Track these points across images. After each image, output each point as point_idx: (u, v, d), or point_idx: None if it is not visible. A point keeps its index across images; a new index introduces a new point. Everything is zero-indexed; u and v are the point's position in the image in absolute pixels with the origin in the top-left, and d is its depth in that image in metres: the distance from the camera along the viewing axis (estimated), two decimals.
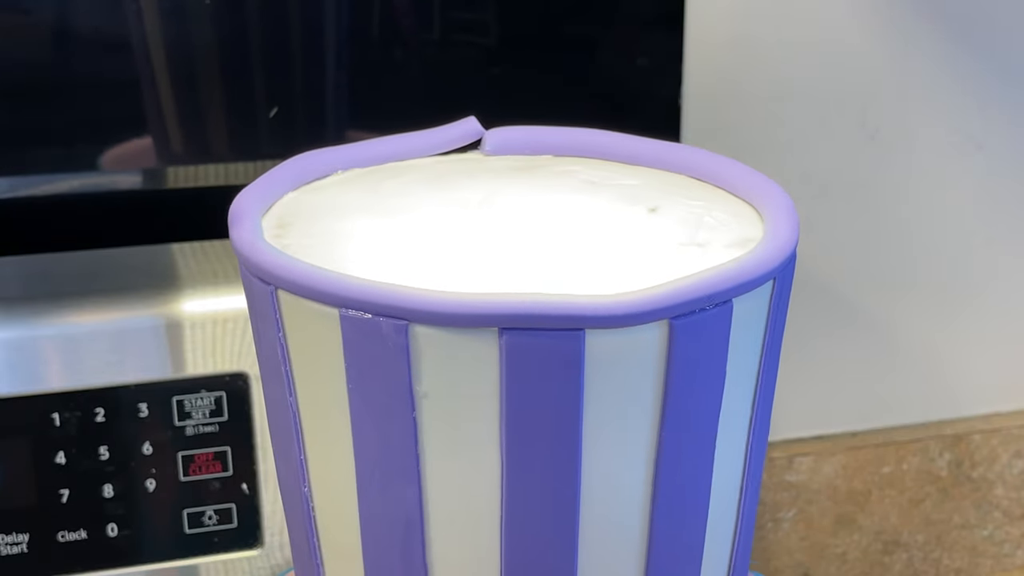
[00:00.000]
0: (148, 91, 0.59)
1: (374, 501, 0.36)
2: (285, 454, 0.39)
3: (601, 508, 0.35)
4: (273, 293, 0.36)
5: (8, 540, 0.55)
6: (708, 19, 0.70)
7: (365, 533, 0.37)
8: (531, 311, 0.33)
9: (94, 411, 0.56)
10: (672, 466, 0.36)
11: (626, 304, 0.33)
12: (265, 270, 0.36)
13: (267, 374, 0.38)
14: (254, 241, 0.37)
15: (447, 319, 0.33)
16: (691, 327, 0.34)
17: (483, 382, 0.34)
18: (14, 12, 0.57)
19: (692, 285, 0.34)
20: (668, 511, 0.36)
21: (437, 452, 0.35)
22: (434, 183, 0.42)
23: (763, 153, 0.74)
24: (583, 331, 0.33)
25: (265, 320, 0.37)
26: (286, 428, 0.38)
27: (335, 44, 0.61)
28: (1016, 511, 0.85)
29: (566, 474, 0.35)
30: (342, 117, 0.62)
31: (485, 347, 0.33)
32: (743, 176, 0.42)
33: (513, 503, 0.35)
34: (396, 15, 0.61)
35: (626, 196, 0.41)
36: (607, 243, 0.38)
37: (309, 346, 0.36)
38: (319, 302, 0.35)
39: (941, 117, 0.77)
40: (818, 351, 0.79)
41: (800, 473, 0.80)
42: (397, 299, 0.33)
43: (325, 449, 0.37)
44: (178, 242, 0.62)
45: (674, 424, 0.35)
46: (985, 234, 0.80)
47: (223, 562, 0.58)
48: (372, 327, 0.34)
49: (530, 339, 0.33)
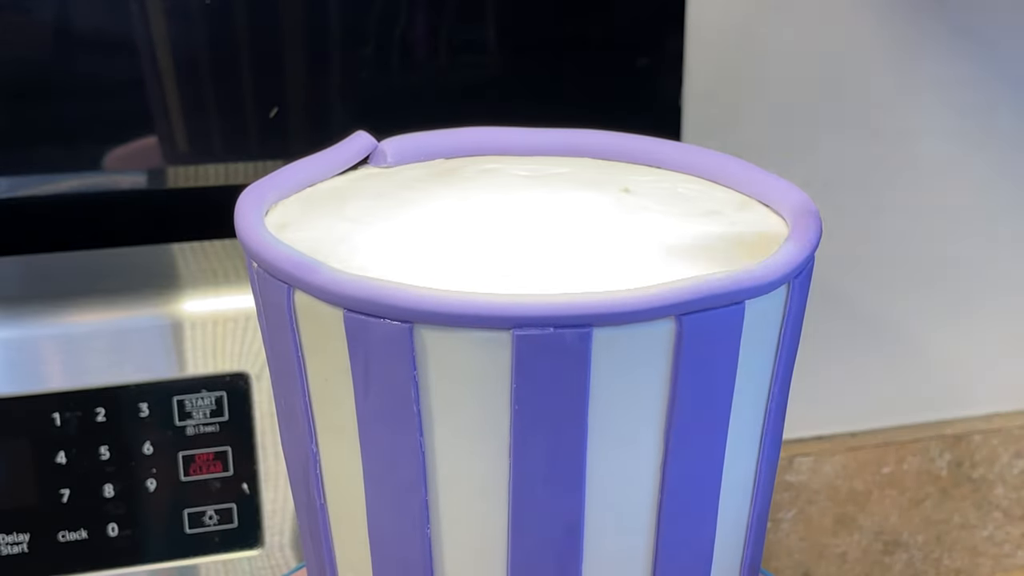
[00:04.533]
0: (148, 91, 0.59)
1: (382, 505, 0.36)
2: (297, 456, 0.39)
3: (608, 505, 0.35)
4: (289, 292, 0.36)
5: (8, 540, 0.55)
6: (709, 19, 0.70)
7: (373, 530, 0.37)
8: (540, 311, 0.33)
9: (95, 411, 0.56)
10: (680, 464, 0.35)
11: (634, 300, 0.33)
12: (277, 267, 0.36)
13: (279, 377, 0.38)
14: (271, 239, 0.37)
15: (455, 320, 0.33)
16: (700, 325, 0.34)
17: (492, 382, 0.34)
18: (14, 12, 0.57)
19: (702, 284, 0.33)
20: (676, 510, 0.36)
21: (445, 454, 0.35)
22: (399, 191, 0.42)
23: (763, 153, 0.74)
24: (591, 328, 0.33)
25: (277, 320, 0.37)
26: (299, 431, 0.38)
27: (336, 44, 0.61)
28: (1016, 511, 0.85)
29: (572, 473, 0.35)
30: (343, 117, 0.62)
31: (494, 348, 0.33)
32: (753, 175, 0.42)
33: (520, 501, 0.35)
34: (396, 15, 0.61)
35: (581, 182, 0.41)
36: (599, 231, 0.38)
37: (320, 347, 0.36)
38: (328, 303, 0.34)
39: (941, 117, 0.77)
40: (818, 351, 0.79)
41: (800, 473, 0.80)
42: (403, 299, 0.33)
43: (337, 451, 0.37)
44: (179, 242, 0.62)
45: (682, 423, 0.35)
46: (985, 234, 0.80)
47: (223, 562, 0.58)
48: (378, 328, 0.34)
49: (538, 338, 0.33)
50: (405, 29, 0.62)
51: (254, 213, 0.38)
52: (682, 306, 0.33)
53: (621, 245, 0.37)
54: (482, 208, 0.40)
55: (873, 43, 0.74)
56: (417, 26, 0.62)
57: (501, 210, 0.40)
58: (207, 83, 0.60)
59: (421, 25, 0.62)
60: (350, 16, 0.61)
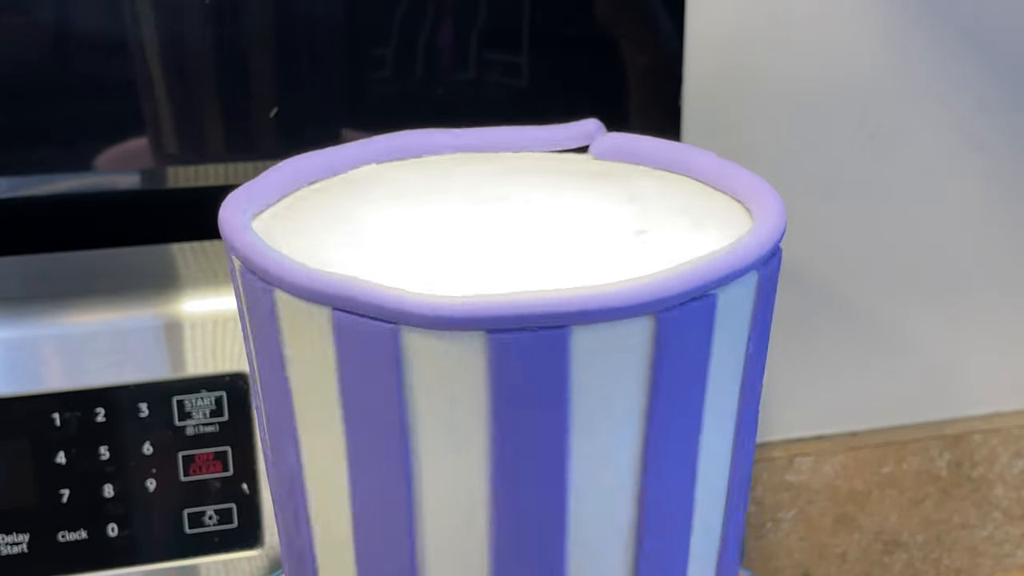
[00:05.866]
0: (149, 91, 0.59)
1: (367, 501, 0.37)
2: (279, 451, 0.39)
3: (589, 501, 0.35)
4: (270, 293, 0.36)
5: (8, 540, 0.55)
6: (708, 19, 0.70)
7: (358, 530, 0.37)
8: (516, 312, 0.32)
9: (94, 411, 0.56)
10: (659, 458, 0.35)
11: (611, 297, 0.33)
12: (263, 269, 0.36)
13: (263, 374, 0.38)
14: (254, 241, 0.37)
15: (434, 322, 0.33)
16: (678, 319, 0.34)
17: (471, 383, 0.34)
18: (14, 12, 0.57)
19: (677, 276, 0.33)
20: (656, 502, 0.36)
21: (428, 452, 0.35)
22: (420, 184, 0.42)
23: (763, 153, 0.74)
24: (568, 328, 0.33)
25: (262, 321, 0.37)
26: (282, 429, 0.38)
27: (335, 43, 0.61)
28: (1016, 511, 0.85)
29: (554, 471, 0.35)
30: (343, 117, 0.62)
31: (472, 349, 0.33)
32: (726, 170, 0.43)
33: (502, 501, 0.35)
34: (396, 15, 0.61)
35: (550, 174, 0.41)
36: (588, 238, 0.38)
37: (303, 347, 0.36)
38: (313, 302, 0.34)
39: (941, 117, 0.77)
40: (818, 351, 0.79)
41: (800, 473, 0.80)
42: (387, 301, 0.33)
43: (319, 445, 0.37)
44: (178, 242, 0.62)
45: (661, 416, 0.35)
46: (985, 234, 0.80)
47: (223, 562, 0.58)
48: (363, 329, 0.34)
49: (516, 339, 0.33)
50: (405, 29, 0.62)
51: (238, 215, 0.38)
52: (661, 301, 0.33)
53: (595, 239, 0.38)
54: (463, 207, 0.40)
55: (873, 43, 0.74)
56: (417, 26, 0.62)
57: (486, 210, 0.40)
58: (207, 83, 0.60)
59: (421, 25, 0.62)
60: (350, 16, 0.61)
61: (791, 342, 0.78)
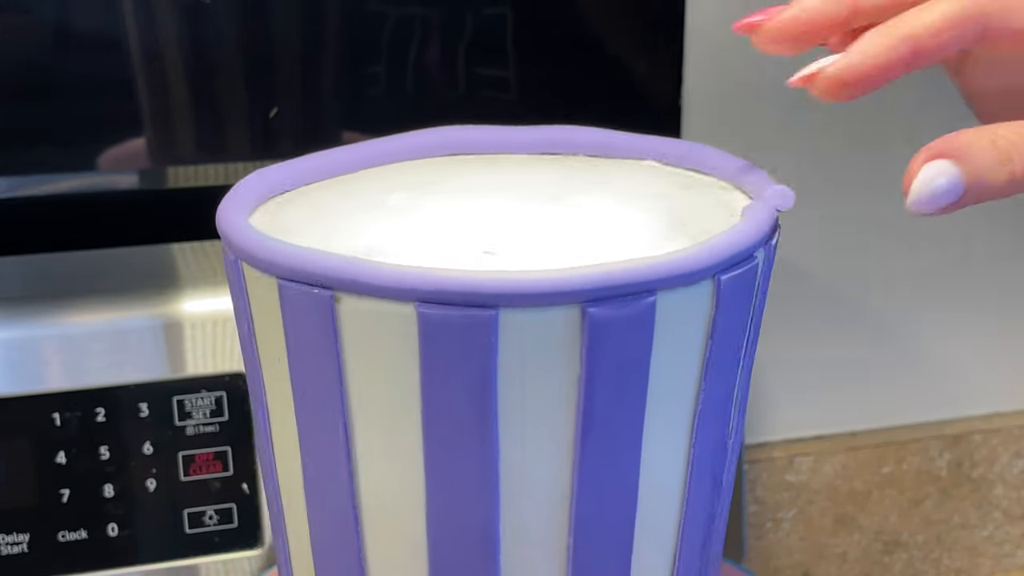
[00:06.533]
0: (148, 91, 0.59)
1: (314, 478, 0.37)
2: (261, 442, 0.40)
3: (521, 489, 0.35)
4: (236, 263, 0.36)
5: (8, 540, 0.55)
6: (709, 19, 0.70)
7: (311, 503, 0.38)
8: (443, 287, 0.33)
9: (94, 411, 0.56)
10: (593, 452, 0.35)
11: (536, 283, 0.33)
12: (233, 242, 0.36)
13: (245, 356, 0.39)
14: (238, 219, 0.37)
15: (367, 289, 0.33)
16: (606, 312, 0.33)
17: (404, 354, 0.34)
18: (14, 12, 0.57)
19: (607, 271, 0.33)
20: (589, 500, 0.35)
21: (365, 427, 0.35)
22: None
23: (763, 153, 0.74)
24: (497, 309, 0.33)
25: (237, 298, 0.37)
26: (259, 414, 0.39)
27: (335, 44, 0.61)
28: (1016, 511, 0.85)
29: (483, 452, 0.34)
30: (342, 117, 0.62)
31: (403, 319, 0.33)
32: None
33: (435, 482, 0.35)
34: (395, 15, 0.61)
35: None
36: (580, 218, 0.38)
37: (264, 320, 0.36)
38: (261, 271, 0.35)
39: (941, 116, 0.77)
40: (818, 351, 0.79)
41: (800, 473, 0.80)
42: (325, 268, 0.34)
43: (283, 430, 0.38)
44: (178, 242, 0.62)
45: (593, 413, 0.34)
46: (985, 234, 0.80)
47: (223, 562, 0.58)
48: (304, 296, 0.34)
49: (445, 314, 0.33)
50: (404, 29, 0.62)
51: (238, 212, 0.39)
52: (586, 292, 0.33)
53: (602, 230, 0.37)
54: (460, 197, 0.40)
55: None
56: (416, 27, 0.62)
57: (481, 201, 0.40)
58: (207, 83, 0.60)
59: (420, 26, 0.62)
60: (349, 16, 0.61)
61: (791, 342, 0.78)
